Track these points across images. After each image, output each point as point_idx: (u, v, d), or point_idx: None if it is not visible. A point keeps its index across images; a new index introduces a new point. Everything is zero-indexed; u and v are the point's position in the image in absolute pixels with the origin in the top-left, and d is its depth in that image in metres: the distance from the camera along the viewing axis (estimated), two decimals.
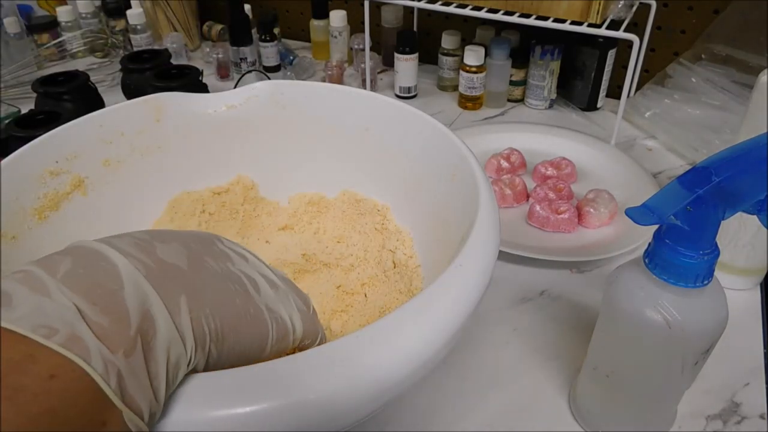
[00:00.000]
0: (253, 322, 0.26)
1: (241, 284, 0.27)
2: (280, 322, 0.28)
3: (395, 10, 0.90)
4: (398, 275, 0.43)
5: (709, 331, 0.31)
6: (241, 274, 0.28)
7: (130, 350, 0.20)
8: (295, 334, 0.29)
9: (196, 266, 0.26)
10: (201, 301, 0.24)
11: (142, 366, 0.21)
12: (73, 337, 0.19)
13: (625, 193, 0.61)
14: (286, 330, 0.28)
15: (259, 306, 0.27)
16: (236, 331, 0.25)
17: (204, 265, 0.26)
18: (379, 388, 0.25)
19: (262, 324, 0.27)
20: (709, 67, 0.73)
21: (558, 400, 0.41)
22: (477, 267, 0.30)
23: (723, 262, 0.49)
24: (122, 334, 0.20)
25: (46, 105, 0.71)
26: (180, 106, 0.47)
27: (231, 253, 0.29)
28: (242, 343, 0.26)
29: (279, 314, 0.28)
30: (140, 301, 0.22)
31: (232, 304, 0.26)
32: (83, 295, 0.21)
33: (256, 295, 0.27)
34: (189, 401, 0.23)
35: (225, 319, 0.25)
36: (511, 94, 0.85)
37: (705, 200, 0.27)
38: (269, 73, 0.93)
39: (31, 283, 0.21)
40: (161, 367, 0.21)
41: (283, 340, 0.28)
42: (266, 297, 0.28)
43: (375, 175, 0.48)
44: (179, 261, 0.25)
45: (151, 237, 0.25)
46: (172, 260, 0.25)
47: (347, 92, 0.47)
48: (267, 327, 0.27)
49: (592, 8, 0.64)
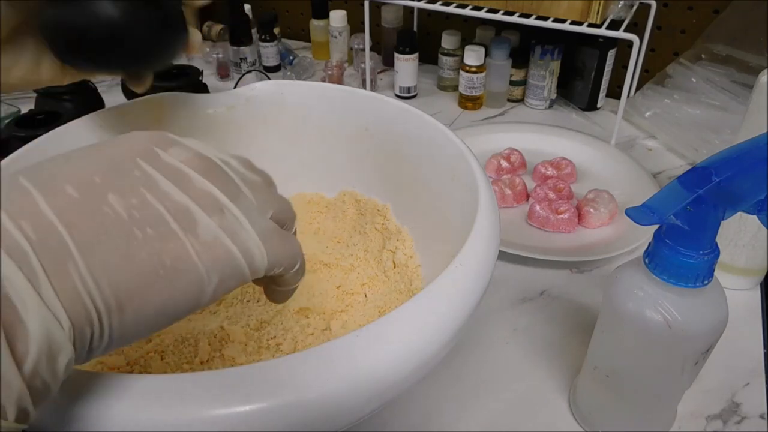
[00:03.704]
0: (170, 275, 0.22)
1: (160, 224, 0.22)
2: (222, 261, 0.23)
3: (395, 10, 0.90)
4: (398, 275, 0.43)
5: (709, 331, 0.31)
6: (165, 207, 0.22)
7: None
8: (253, 265, 0.24)
9: (84, 217, 0.21)
10: (80, 270, 0.20)
11: (7, 361, 0.18)
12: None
13: (625, 193, 0.61)
14: (234, 265, 0.23)
15: (182, 250, 0.22)
16: (141, 294, 0.21)
17: (99, 211, 0.21)
18: (379, 388, 0.25)
19: (186, 273, 0.22)
20: (709, 67, 0.73)
21: (558, 400, 0.41)
22: (477, 267, 0.30)
23: (723, 262, 0.49)
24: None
25: (46, 105, 0.71)
26: (180, 106, 0.47)
27: (160, 175, 0.23)
28: (156, 303, 0.22)
29: (222, 249, 0.23)
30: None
31: (134, 261, 0.21)
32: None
33: (182, 235, 0.22)
34: (188, 400, 0.23)
35: (121, 284, 0.21)
36: (511, 94, 0.85)
37: (705, 200, 0.27)
38: (269, 73, 0.93)
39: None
40: (31, 356, 0.18)
41: (233, 278, 0.24)
42: (203, 230, 0.23)
43: (375, 175, 0.48)
44: (59, 215, 0.20)
45: (31, 180, 0.21)
46: (49, 217, 0.20)
47: (347, 92, 0.47)
48: (197, 273, 0.22)
49: (592, 8, 0.64)
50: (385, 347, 0.25)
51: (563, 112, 0.82)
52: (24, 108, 0.76)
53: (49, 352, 0.19)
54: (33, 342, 0.18)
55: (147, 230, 0.22)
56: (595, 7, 0.64)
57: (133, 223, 0.21)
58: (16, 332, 0.18)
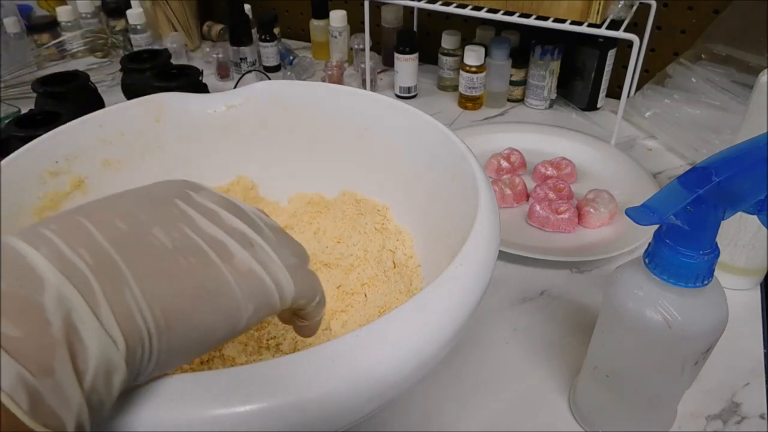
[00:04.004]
0: (212, 300, 0.23)
1: (200, 254, 0.24)
2: (257, 290, 0.25)
3: (395, 10, 0.90)
4: (398, 275, 0.43)
5: (709, 331, 0.31)
6: (203, 240, 0.24)
7: (49, 363, 0.18)
8: (282, 294, 0.26)
9: (134, 247, 0.22)
10: (134, 293, 0.21)
11: (69, 376, 0.19)
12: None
13: (625, 193, 0.61)
14: (267, 294, 0.25)
15: (223, 277, 0.24)
16: (187, 316, 0.22)
17: (147, 242, 0.23)
18: (379, 388, 0.25)
19: (226, 298, 0.24)
20: (709, 67, 0.73)
21: (558, 400, 0.41)
22: (477, 267, 0.30)
23: (723, 262, 0.49)
24: (39, 346, 0.18)
25: (46, 105, 0.71)
26: (180, 106, 0.47)
27: (196, 213, 0.25)
28: (200, 326, 0.23)
29: (255, 279, 0.25)
30: (58, 303, 0.19)
31: (180, 285, 0.23)
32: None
33: (221, 264, 0.24)
34: (188, 400, 0.23)
35: (169, 306, 0.22)
36: (511, 94, 0.85)
37: (705, 200, 0.27)
38: (269, 73, 0.93)
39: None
40: (89, 375, 0.20)
41: (266, 306, 0.25)
42: (239, 262, 0.25)
43: (375, 175, 0.48)
44: (113, 245, 0.22)
45: (85, 215, 0.23)
46: (104, 246, 0.22)
47: (347, 92, 0.47)
48: (235, 300, 0.24)
49: (592, 8, 0.64)
50: (385, 347, 0.25)
51: (563, 112, 0.82)
52: (24, 108, 0.76)
53: (105, 371, 0.20)
54: (91, 359, 0.20)
55: (190, 258, 0.23)
56: (595, 7, 0.64)
57: (177, 252, 0.23)
58: (76, 350, 0.19)
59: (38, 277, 0.20)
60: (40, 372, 0.18)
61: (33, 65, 0.93)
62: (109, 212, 0.23)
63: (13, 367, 0.18)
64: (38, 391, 0.18)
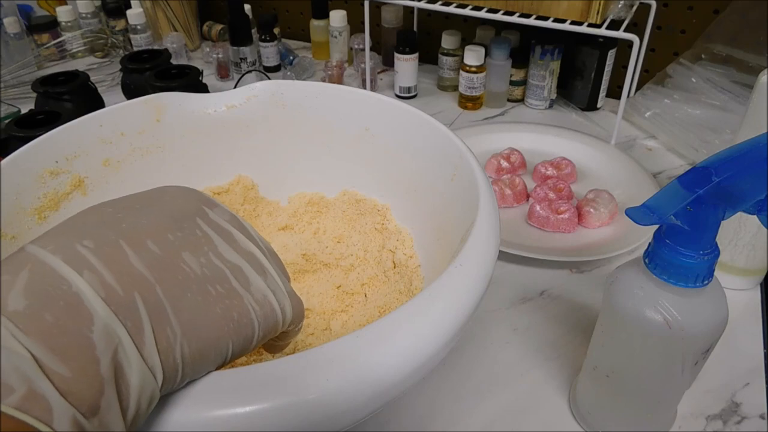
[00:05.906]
0: (236, 328, 0.24)
1: (225, 282, 0.24)
2: (269, 318, 0.26)
3: (395, 10, 0.90)
4: (398, 275, 0.43)
5: (709, 331, 0.31)
6: (225, 265, 0.25)
7: (97, 403, 0.18)
8: (285, 320, 0.27)
9: (169, 273, 0.22)
10: (173, 327, 0.22)
11: (115, 414, 0.19)
12: (32, 395, 0.17)
13: (625, 193, 0.61)
14: (275, 321, 0.26)
15: (245, 307, 0.25)
16: (215, 343, 0.23)
17: (179, 268, 0.23)
18: (379, 388, 0.25)
19: (246, 328, 0.24)
20: (709, 67, 0.73)
21: (558, 400, 0.41)
22: (477, 267, 0.30)
23: (723, 262, 0.49)
24: (89, 385, 0.18)
25: (46, 105, 0.71)
26: (180, 106, 0.47)
27: (215, 234, 0.25)
28: (223, 351, 0.24)
29: (268, 308, 0.26)
30: (107, 340, 0.19)
31: (212, 317, 0.23)
32: (40, 339, 0.18)
33: (242, 292, 0.25)
34: (189, 401, 0.23)
35: (201, 339, 0.22)
36: (511, 94, 0.85)
37: (705, 200, 0.27)
38: (269, 73, 0.93)
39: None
40: (131, 410, 0.20)
41: (272, 331, 0.26)
42: (255, 289, 0.25)
43: (375, 175, 0.48)
44: (150, 270, 0.22)
45: (119, 235, 0.22)
46: (143, 273, 0.22)
47: (347, 92, 0.47)
48: (252, 329, 0.25)
49: (592, 8, 0.64)
50: (386, 348, 0.25)
51: (563, 112, 0.82)
52: (24, 108, 0.76)
53: (144, 402, 0.20)
54: (133, 394, 0.20)
55: (217, 287, 0.24)
56: (595, 7, 0.64)
57: (206, 281, 0.24)
58: (120, 387, 0.20)
59: (86, 310, 0.19)
60: (89, 412, 0.18)
61: (33, 65, 0.93)
62: (141, 232, 0.23)
63: (68, 410, 0.17)
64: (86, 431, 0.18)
